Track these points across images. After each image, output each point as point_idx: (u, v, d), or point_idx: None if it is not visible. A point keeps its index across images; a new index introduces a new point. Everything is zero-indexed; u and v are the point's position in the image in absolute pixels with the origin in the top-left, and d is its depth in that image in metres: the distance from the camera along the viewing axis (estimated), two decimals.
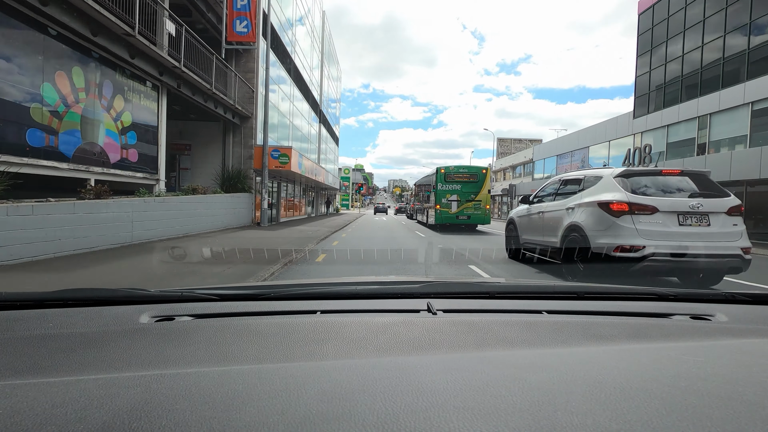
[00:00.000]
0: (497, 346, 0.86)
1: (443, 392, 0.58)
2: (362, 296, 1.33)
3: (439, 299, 1.25)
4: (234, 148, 16.98)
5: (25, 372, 0.69)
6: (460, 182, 18.36)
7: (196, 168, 16.55)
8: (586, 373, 0.66)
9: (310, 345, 0.84)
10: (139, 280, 5.58)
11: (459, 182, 18.36)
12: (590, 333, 0.96)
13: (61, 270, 5.98)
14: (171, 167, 16.58)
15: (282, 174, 19.80)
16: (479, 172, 18.54)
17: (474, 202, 18.31)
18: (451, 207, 18.27)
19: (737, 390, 0.59)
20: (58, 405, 0.54)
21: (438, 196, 18.34)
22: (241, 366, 0.72)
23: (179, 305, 1.15)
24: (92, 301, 1.18)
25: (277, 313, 1.13)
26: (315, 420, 0.50)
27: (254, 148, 17.16)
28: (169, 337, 0.88)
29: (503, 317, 1.10)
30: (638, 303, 1.32)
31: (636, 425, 0.49)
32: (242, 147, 16.95)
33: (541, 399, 0.56)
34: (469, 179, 18.43)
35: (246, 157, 17.03)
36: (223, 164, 16.51)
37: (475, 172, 18.56)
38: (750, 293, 1.32)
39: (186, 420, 0.50)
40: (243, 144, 16.97)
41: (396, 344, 0.85)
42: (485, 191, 18.40)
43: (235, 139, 16.98)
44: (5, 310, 1.10)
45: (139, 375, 0.65)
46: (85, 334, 0.90)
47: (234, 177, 16.02)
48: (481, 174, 18.48)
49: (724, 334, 0.99)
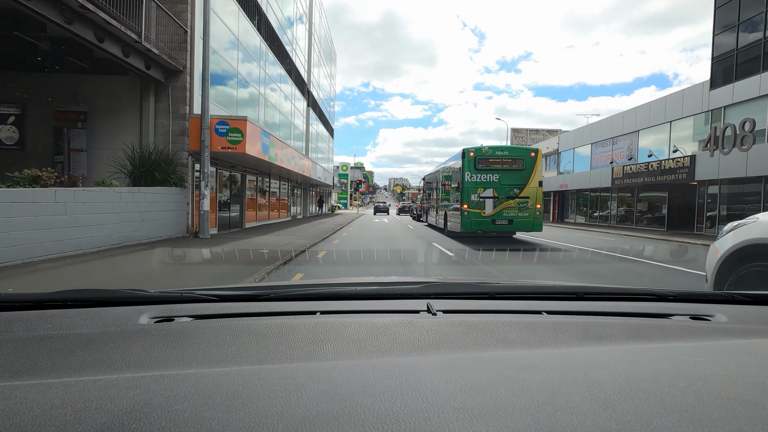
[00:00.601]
0: (497, 347, 0.87)
1: (443, 393, 0.58)
2: (362, 297, 1.33)
3: (438, 300, 1.26)
4: (158, 118, 11.18)
5: (24, 373, 0.69)
6: (499, 170, 12.57)
7: (98, 149, 10.74)
8: (586, 374, 0.66)
9: (310, 346, 0.84)
10: None
11: (497, 170, 12.57)
12: (590, 333, 0.96)
13: None
14: (56, 149, 10.78)
15: (238, 159, 13.95)
16: (526, 156, 12.72)
17: (519, 200, 12.52)
18: (485, 207, 12.48)
19: (737, 390, 0.59)
20: (57, 406, 0.54)
21: (465, 191, 12.55)
22: (240, 367, 0.72)
23: (178, 306, 1.15)
24: (91, 302, 1.18)
25: (277, 314, 1.13)
26: (315, 421, 0.50)
27: (190, 119, 11.36)
28: (168, 338, 0.88)
29: (503, 318, 1.10)
30: (638, 303, 1.32)
31: (636, 425, 0.49)
32: (170, 117, 11.16)
33: (541, 399, 0.56)
34: (512, 166, 12.64)
35: (177, 132, 11.24)
36: (140, 143, 10.72)
37: (520, 156, 12.74)
38: (750, 293, 1.32)
39: (185, 421, 0.50)
40: (172, 113, 11.17)
41: (396, 345, 0.85)
42: (535, 183, 12.60)
43: (160, 105, 11.18)
44: (4, 311, 1.10)
45: (138, 376, 0.66)
46: (85, 335, 0.91)
47: (151, 163, 10.22)
48: (529, 158, 12.67)
49: (723, 335, 0.99)
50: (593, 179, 26.34)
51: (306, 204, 30.08)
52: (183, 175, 11.16)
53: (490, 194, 12.49)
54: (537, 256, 9.54)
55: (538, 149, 12.77)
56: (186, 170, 11.30)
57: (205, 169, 11.04)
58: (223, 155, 12.29)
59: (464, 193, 12.57)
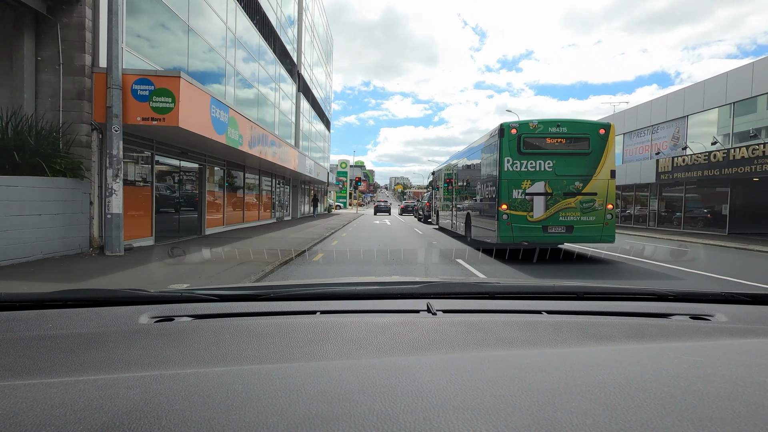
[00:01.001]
0: (497, 347, 0.86)
1: (443, 392, 0.58)
2: (362, 296, 1.33)
3: (438, 299, 1.26)
4: (41, 73, 7.34)
5: (25, 373, 0.69)
6: (554, 155, 8.72)
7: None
8: (586, 373, 0.66)
9: (310, 345, 0.83)
10: None
11: (551, 155, 8.72)
12: (590, 333, 0.96)
13: None
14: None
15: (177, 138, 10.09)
16: (593, 134, 8.81)
17: (582, 198, 8.68)
18: (533, 208, 8.66)
19: (737, 390, 0.59)
20: (57, 406, 0.54)
21: (505, 185, 8.71)
22: (240, 366, 0.72)
23: (178, 306, 1.14)
24: (91, 302, 1.17)
25: (277, 314, 1.13)
26: (314, 420, 0.50)
27: (93, 75, 7.53)
28: (168, 338, 0.88)
29: (503, 317, 1.10)
30: (638, 303, 1.31)
31: (635, 425, 0.49)
32: (60, 72, 7.32)
33: (541, 399, 0.56)
34: (573, 149, 8.79)
35: (72, 94, 7.40)
36: (10, 110, 6.89)
37: (585, 134, 8.84)
38: (750, 293, 1.30)
39: (185, 421, 0.50)
40: (63, 65, 7.33)
41: (396, 344, 0.85)
42: (606, 173, 8.75)
43: (44, 53, 7.35)
44: (4, 310, 1.10)
45: (138, 375, 0.65)
46: (85, 334, 0.91)
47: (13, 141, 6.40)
48: (597, 137, 8.79)
49: (723, 334, 0.98)
50: (630, 174, 22.43)
51: (296, 203, 26.21)
52: (81, 158, 7.34)
53: (540, 189, 8.64)
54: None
55: (611, 124, 8.84)
56: (89, 153, 7.48)
57: (114, 150, 7.21)
58: (148, 131, 8.44)
59: (502, 189, 8.72)
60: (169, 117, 7.47)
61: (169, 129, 7.88)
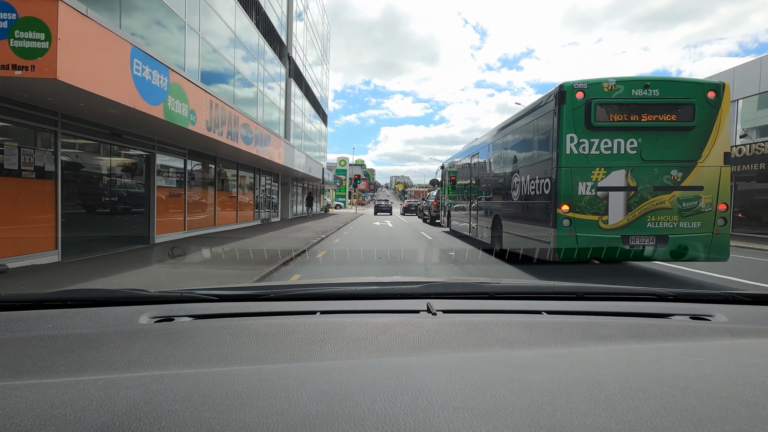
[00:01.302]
0: (497, 347, 0.86)
1: (443, 393, 0.58)
2: (362, 297, 1.32)
3: (438, 300, 1.25)
4: None
5: (25, 373, 0.69)
6: (640, 129, 5.90)
7: None
8: (586, 374, 0.66)
9: (310, 345, 0.83)
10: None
11: (636, 128, 5.90)
12: (590, 333, 0.96)
13: None
14: None
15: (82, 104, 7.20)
16: (699, 99, 5.95)
17: (681, 195, 5.87)
18: (608, 209, 5.84)
19: (737, 390, 0.59)
20: (57, 406, 0.54)
21: (566, 175, 5.89)
22: (240, 367, 0.71)
23: (178, 306, 1.14)
24: (91, 302, 1.17)
25: (277, 314, 1.12)
26: (314, 421, 0.50)
27: None
28: (168, 338, 0.87)
29: (503, 318, 1.09)
30: (638, 303, 1.30)
31: (635, 425, 0.49)
32: None
33: (540, 399, 0.56)
34: (667, 119, 5.95)
35: None
36: None
37: (686, 99, 5.98)
38: (749, 293, 1.29)
39: (185, 421, 0.50)
40: None
41: (396, 345, 0.84)
42: (717, 157, 5.93)
43: None
44: (4, 310, 1.09)
45: (138, 376, 0.65)
46: (85, 334, 0.90)
47: None
48: (704, 103, 5.95)
49: (723, 335, 0.98)
50: None
51: (287, 203, 23.37)
52: None
53: (619, 182, 5.84)
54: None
55: (725, 83, 6.02)
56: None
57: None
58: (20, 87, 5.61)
59: (562, 181, 5.91)
60: (41, 64, 4.66)
61: (45, 85, 5.03)
